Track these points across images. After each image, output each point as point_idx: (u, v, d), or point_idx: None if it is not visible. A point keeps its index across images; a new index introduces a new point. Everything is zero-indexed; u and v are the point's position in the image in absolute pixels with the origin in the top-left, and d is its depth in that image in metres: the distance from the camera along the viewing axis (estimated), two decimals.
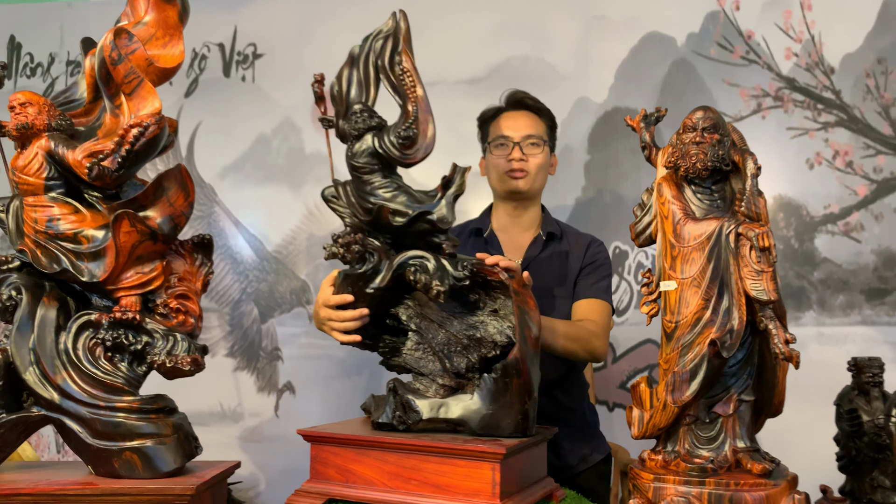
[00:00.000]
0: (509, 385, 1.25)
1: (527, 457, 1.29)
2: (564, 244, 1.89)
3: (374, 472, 1.30)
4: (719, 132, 1.19)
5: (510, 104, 1.95)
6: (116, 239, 1.16)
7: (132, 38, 1.24)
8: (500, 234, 1.94)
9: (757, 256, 1.11)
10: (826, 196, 2.61)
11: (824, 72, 2.66)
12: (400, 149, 1.38)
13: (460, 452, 1.20)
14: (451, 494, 1.20)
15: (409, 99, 1.38)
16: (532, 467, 1.33)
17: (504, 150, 1.88)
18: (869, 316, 2.55)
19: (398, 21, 1.45)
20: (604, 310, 1.79)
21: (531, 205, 1.93)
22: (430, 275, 1.32)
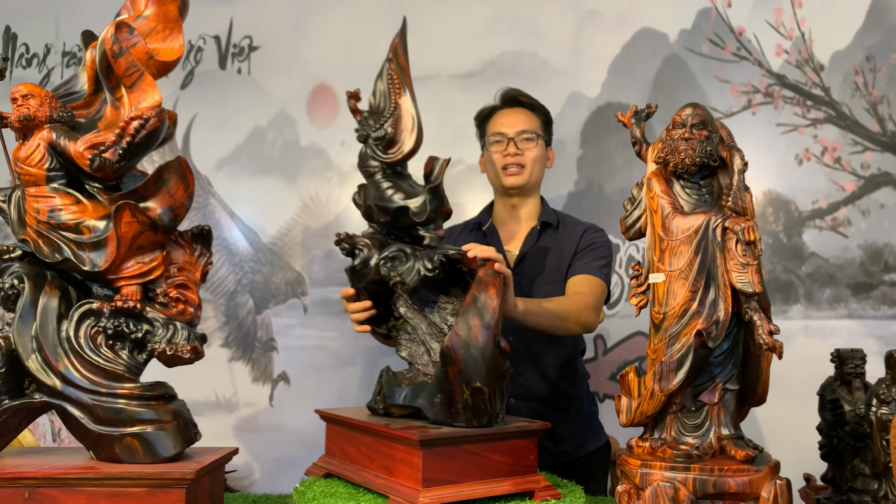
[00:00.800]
0: (446, 373, 1.28)
1: (475, 449, 1.28)
2: (560, 232, 1.93)
3: (356, 452, 1.41)
4: (708, 128, 1.22)
5: (504, 101, 1.99)
6: (118, 229, 1.19)
7: (133, 31, 1.26)
8: (499, 227, 1.99)
9: (743, 250, 1.14)
10: (814, 191, 2.65)
11: (814, 69, 2.70)
12: (382, 149, 1.47)
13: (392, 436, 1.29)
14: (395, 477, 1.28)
15: (389, 102, 1.47)
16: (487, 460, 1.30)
17: (500, 147, 1.92)
18: (855, 309, 2.60)
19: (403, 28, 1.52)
20: (595, 283, 1.82)
21: (529, 197, 1.97)
22: (396, 268, 1.40)
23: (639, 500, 1.12)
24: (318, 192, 2.77)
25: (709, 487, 1.09)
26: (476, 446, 1.28)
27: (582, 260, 1.86)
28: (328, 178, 2.77)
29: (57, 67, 2.86)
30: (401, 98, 1.47)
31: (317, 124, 2.79)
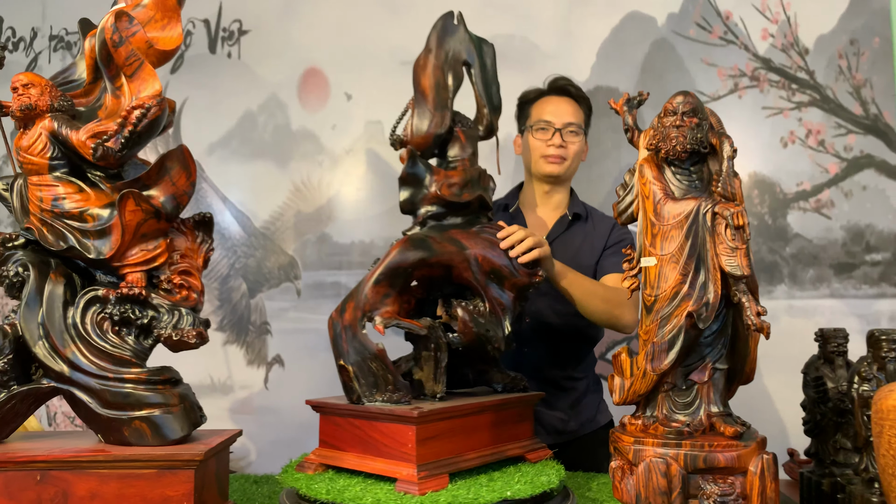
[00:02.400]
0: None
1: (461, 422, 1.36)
2: (589, 225, 1.97)
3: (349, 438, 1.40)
4: (698, 116, 1.26)
5: (553, 89, 2.01)
6: (122, 217, 1.21)
7: (133, 20, 1.27)
8: (526, 212, 2.03)
9: (732, 234, 1.18)
10: (799, 174, 2.70)
11: (799, 52, 2.74)
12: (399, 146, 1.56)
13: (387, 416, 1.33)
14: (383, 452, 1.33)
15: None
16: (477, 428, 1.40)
17: (544, 134, 1.95)
18: (837, 289, 2.66)
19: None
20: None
21: (562, 187, 2.00)
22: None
23: (632, 476, 1.17)
24: (310, 176, 2.79)
25: (699, 462, 1.14)
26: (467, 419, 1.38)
27: (615, 257, 1.91)
28: (320, 161, 2.79)
29: (44, 51, 2.84)
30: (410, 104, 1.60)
31: (308, 108, 2.80)
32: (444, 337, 1.41)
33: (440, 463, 1.30)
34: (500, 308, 1.44)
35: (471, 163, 1.52)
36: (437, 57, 1.55)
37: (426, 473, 1.26)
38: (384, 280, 1.42)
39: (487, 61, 1.60)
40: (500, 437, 1.44)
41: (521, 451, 1.48)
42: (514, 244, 1.49)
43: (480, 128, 1.58)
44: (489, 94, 1.58)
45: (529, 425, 1.52)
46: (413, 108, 1.52)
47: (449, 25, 1.58)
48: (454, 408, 1.35)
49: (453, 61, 1.55)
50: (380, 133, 2.78)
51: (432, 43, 1.57)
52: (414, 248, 1.42)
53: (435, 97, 1.52)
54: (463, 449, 1.36)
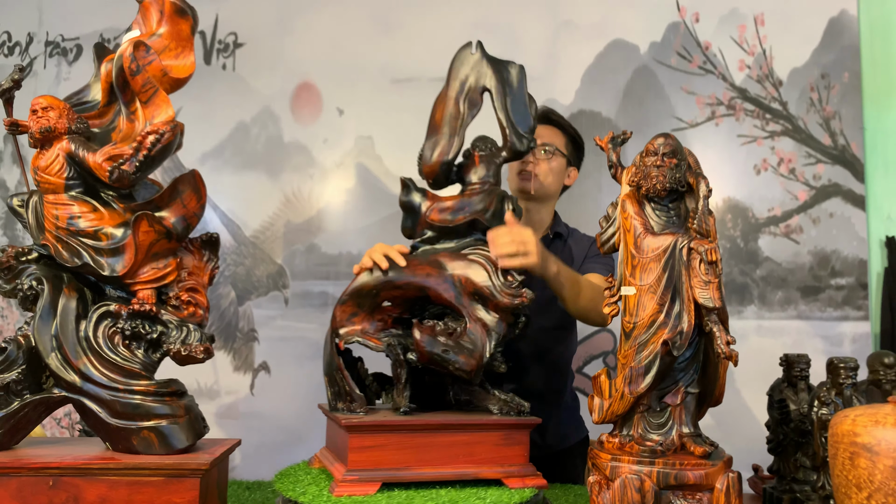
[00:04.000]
0: None
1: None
2: (569, 244, 2.06)
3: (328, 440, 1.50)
4: (677, 157, 1.36)
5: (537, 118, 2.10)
6: (136, 237, 1.27)
7: (149, 50, 1.34)
8: None
9: (705, 269, 1.28)
10: (770, 200, 2.83)
11: (773, 84, 2.87)
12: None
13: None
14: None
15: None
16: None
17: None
18: (804, 311, 2.79)
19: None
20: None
21: (542, 207, 2.07)
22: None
23: (608, 491, 1.26)
24: (301, 188, 2.86)
25: (670, 480, 1.24)
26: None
27: (594, 262, 1.98)
28: (310, 174, 2.86)
29: (39, 56, 2.87)
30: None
31: (300, 121, 2.87)
32: (402, 355, 1.46)
33: (375, 472, 1.35)
34: (483, 329, 1.47)
35: (483, 187, 1.57)
36: (451, 88, 1.62)
37: (354, 478, 1.33)
38: (349, 300, 1.52)
39: (512, 84, 1.62)
40: (472, 457, 1.42)
41: (500, 475, 1.42)
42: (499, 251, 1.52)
43: (503, 153, 1.62)
44: (511, 117, 1.61)
45: (521, 450, 1.46)
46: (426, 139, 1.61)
47: (464, 56, 1.65)
48: (396, 422, 1.39)
49: (470, 90, 1.62)
50: (370, 148, 2.86)
51: (449, 75, 1.64)
52: (380, 270, 1.50)
53: (444, 127, 1.60)
54: (413, 463, 1.38)
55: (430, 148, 1.61)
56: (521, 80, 1.65)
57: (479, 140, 1.63)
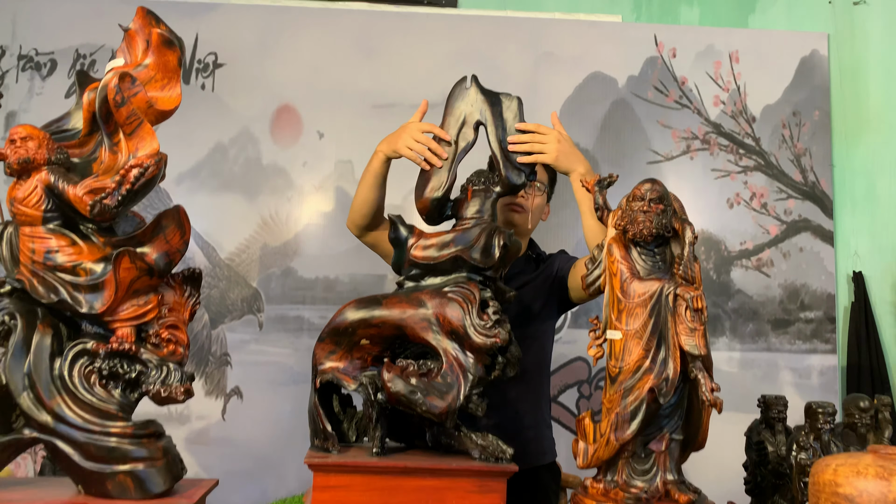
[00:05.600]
0: None
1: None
2: (544, 264, 2.06)
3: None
4: (664, 203, 1.37)
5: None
6: (117, 274, 1.24)
7: (135, 81, 1.31)
8: None
9: (691, 316, 1.30)
10: (742, 233, 2.88)
11: (747, 120, 2.94)
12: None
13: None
14: None
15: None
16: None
17: None
18: (774, 343, 2.84)
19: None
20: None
21: (521, 238, 2.08)
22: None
23: None
24: (278, 211, 2.82)
25: None
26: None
27: (569, 262, 2.01)
28: (288, 197, 2.83)
29: (12, 70, 2.80)
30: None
31: (279, 144, 2.84)
32: (373, 395, 1.43)
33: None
34: (460, 370, 1.42)
35: (476, 222, 1.55)
36: (445, 124, 1.62)
37: None
38: (327, 338, 1.49)
39: (507, 116, 1.63)
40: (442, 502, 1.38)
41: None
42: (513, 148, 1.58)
43: (498, 187, 1.59)
44: (506, 151, 1.61)
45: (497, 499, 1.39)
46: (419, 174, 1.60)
47: (459, 91, 1.64)
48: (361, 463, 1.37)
49: (463, 125, 1.62)
50: (349, 172, 2.85)
51: (445, 111, 1.64)
52: (357, 308, 1.48)
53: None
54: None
55: (422, 184, 1.60)
56: (519, 110, 1.66)
57: (474, 174, 1.62)
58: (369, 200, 1.87)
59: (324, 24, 2.88)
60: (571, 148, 1.74)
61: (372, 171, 1.84)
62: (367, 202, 1.88)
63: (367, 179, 1.86)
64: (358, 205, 1.90)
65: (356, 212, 1.92)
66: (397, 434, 1.51)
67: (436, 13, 2.94)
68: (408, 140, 1.69)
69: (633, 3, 3.01)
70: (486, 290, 1.47)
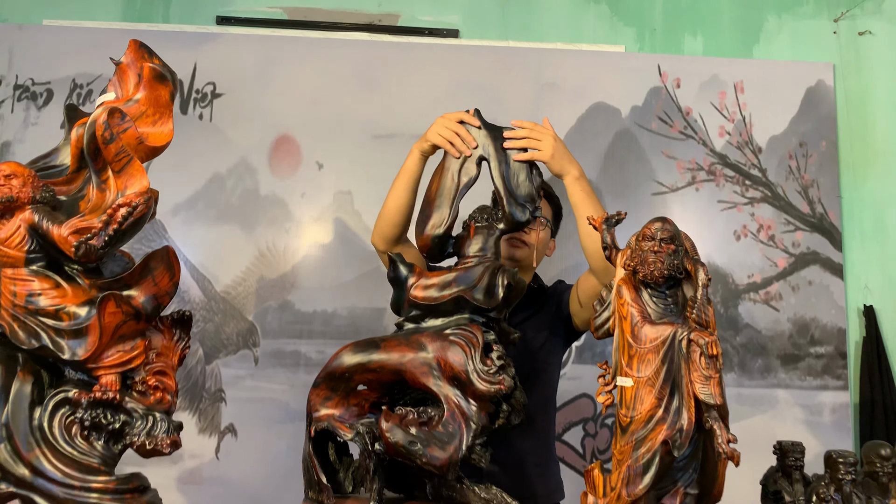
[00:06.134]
0: None
1: None
2: (548, 297, 2.00)
3: None
4: (675, 243, 1.31)
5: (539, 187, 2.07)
6: (101, 319, 1.18)
7: (125, 117, 1.27)
8: None
9: (706, 363, 1.23)
10: (750, 266, 2.82)
11: (753, 151, 2.89)
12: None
13: None
14: None
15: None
16: None
17: None
18: (783, 379, 2.77)
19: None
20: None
21: (526, 274, 2.02)
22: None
23: None
24: (276, 243, 2.77)
25: None
26: None
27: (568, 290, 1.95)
28: (286, 228, 2.77)
29: (7, 100, 2.77)
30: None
31: (277, 175, 2.79)
32: (371, 445, 1.36)
33: None
34: (462, 419, 1.34)
35: (479, 260, 1.49)
36: (448, 159, 1.58)
37: None
38: (322, 384, 1.43)
39: (509, 151, 1.58)
40: None
41: None
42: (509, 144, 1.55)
43: (501, 224, 1.54)
44: (510, 186, 1.55)
45: None
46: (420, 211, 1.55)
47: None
48: None
49: (465, 160, 1.57)
50: (349, 203, 2.80)
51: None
52: (354, 352, 1.42)
53: (437, 199, 1.55)
54: None
55: (423, 221, 1.55)
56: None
57: (477, 210, 1.57)
58: (403, 206, 1.75)
59: (324, 54, 2.85)
60: (565, 150, 1.70)
61: (407, 170, 1.73)
62: (400, 208, 1.75)
63: (402, 181, 1.74)
64: (390, 212, 1.77)
65: (387, 221, 1.78)
66: (396, 484, 1.43)
67: (437, 43, 2.91)
68: (438, 127, 1.64)
69: (635, 34, 2.99)
70: (489, 332, 1.41)
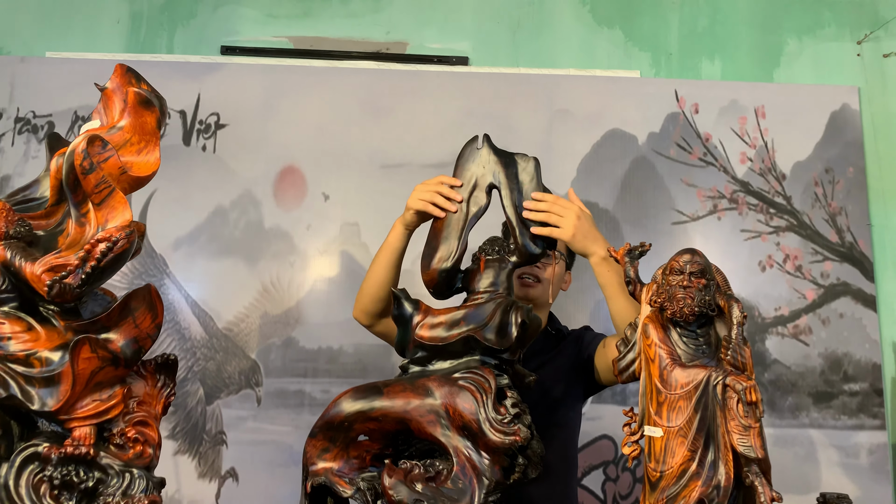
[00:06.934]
0: None
1: None
2: (567, 341, 1.88)
3: None
4: (706, 277, 1.20)
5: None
6: (74, 366, 1.07)
7: (106, 145, 1.17)
8: None
9: (745, 411, 1.10)
10: (777, 298, 2.68)
11: (776, 177, 2.77)
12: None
13: None
14: None
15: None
16: None
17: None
18: (816, 419, 2.60)
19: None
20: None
21: (540, 311, 1.90)
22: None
23: None
24: (280, 277, 2.67)
25: None
26: None
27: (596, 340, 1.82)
28: (291, 262, 2.68)
29: (8, 133, 2.71)
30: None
31: (283, 207, 2.70)
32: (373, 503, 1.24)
33: None
34: (474, 473, 1.22)
35: (490, 296, 1.38)
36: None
37: None
38: (320, 433, 1.31)
39: (522, 178, 1.48)
40: None
41: None
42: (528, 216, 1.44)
43: (514, 257, 1.43)
44: (522, 215, 1.44)
45: None
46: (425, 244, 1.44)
47: (469, 152, 1.50)
48: None
49: (474, 188, 1.46)
50: (355, 235, 2.70)
51: (454, 173, 1.49)
52: (354, 399, 1.30)
53: (444, 230, 1.44)
54: None
55: (430, 254, 1.43)
56: (535, 172, 1.51)
57: (487, 243, 1.46)
58: (383, 282, 1.67)
59: (330, 83, 2.77)
60: (591, 226, 1.56)
61: (389, 245, 1.66)
62: (381, 284, 1.68)
63: (384, 256, 1.67)
64: (370, 288, 1.71)
65: (367, 296, 1.73)
66: None
67: (446, 71, 2.83)
68: (417, 193, 1.54)
69: (651, 59, 2.90)
70: (502, 376, 1.29)
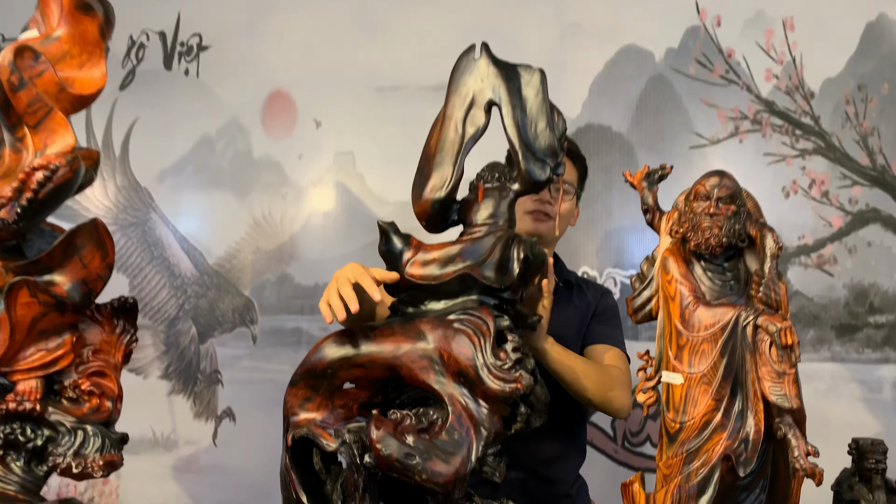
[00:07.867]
0: None
1: None
2: (576, 293, 1.73)
3: None
4: (736, 203, 1.04)
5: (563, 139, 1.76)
6: (12, 312, 0.94)
7: (39, 57, 1.01)
8: None
9: (778, 355, 0.97)
10: (801, 226, 2.51)
11: (804, 96, 2.56)
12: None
13: None
14: None
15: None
16: None
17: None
18: (838, 352, 2.48)
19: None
20: (625, 362, 1.61)
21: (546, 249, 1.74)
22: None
23: None
24: (272, 210, 2.52)
25: None
26: None
27: (603, 327, 1.66)
28: (283, 194, 2.53)
29: None
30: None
31: (272, 135, 2.54)
32: (359, 457, 1.13)
33: None
34: (471, 424, 1.09)
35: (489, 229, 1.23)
36: (450, 105, 1.26)
37: None
38: (301, 381, 1.20)
39: (526, 94, 1.27)
40: None
41: None
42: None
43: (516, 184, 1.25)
44: (527, 138, 1.25)
45: None
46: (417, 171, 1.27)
47: (465, 64, 1.29)
48: None
49: (471, 106, 1.27)
50: (350, 164, 2.54)
51: (448, 89, 1.28)
52: (338, 343, 1.17)
53: (438, 155, 1.25)
54: None
55: (421, 182, 1.26)
56: (541, 87, 1.28)
57: (486, 169, 1.29)
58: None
59: None
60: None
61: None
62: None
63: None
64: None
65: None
66: (392, 500, 1.20)
67: None
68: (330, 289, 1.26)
69: None
70: (502, 317, 1.15)
